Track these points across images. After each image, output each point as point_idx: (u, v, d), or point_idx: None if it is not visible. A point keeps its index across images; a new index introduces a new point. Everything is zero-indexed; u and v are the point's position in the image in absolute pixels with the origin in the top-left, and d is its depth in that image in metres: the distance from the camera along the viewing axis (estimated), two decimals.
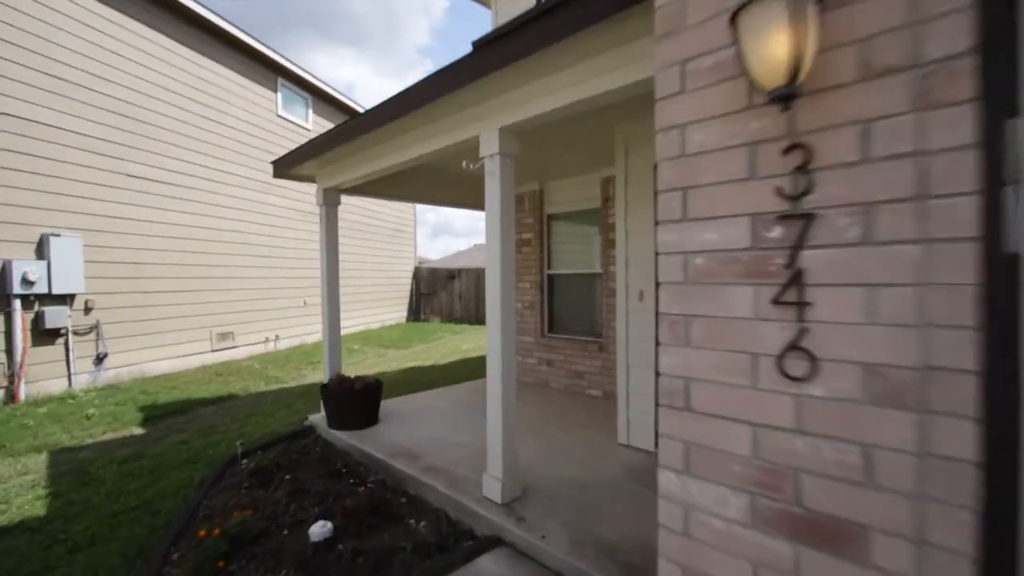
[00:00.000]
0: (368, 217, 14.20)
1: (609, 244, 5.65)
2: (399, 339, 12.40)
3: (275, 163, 5.13)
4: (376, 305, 14.74)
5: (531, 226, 6.57)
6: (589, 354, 5.91)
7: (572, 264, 6.34)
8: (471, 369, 8.41)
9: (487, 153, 3.16)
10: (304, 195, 11.39)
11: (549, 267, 6.54)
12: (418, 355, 10.34)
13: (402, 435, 4.57)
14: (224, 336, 9.31)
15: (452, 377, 7.77)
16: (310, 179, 5.41)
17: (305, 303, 11.46)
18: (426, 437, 4.50)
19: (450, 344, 11.79)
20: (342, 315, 13.64)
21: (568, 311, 6.41)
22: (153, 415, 5.91)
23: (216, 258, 9.26)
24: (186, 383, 7.53)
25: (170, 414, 5.99)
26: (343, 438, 4.56)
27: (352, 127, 3.89)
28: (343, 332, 12.80)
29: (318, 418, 5.09)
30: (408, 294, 16.72)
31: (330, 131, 4.22)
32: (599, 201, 5.81)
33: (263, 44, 10.23)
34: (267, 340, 10.31)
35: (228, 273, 9.50)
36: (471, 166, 3.14)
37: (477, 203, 6.99)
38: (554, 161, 5.43)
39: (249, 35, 9.86)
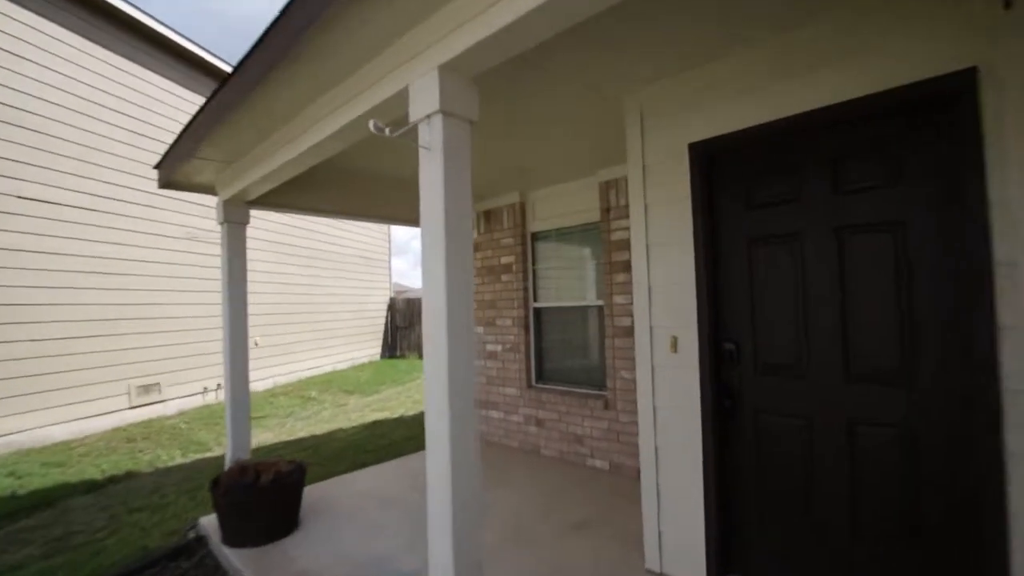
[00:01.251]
0: (331, 243, 12.80)
1: (614, 268, 4.32)
2: (367, 382, 10.85)
3: (158, 167, 3.75)
4: (345, 343, 13.20)
5: (511, 248, 5.23)
6: (591, 411, 4.51)
7: (565, 295, 4.99)
8: None
9: (422, 114, 1.82)
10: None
11: (535, 299, 5.18)
12: (386, 403, 8.83)
13: (326, 555, 3.09)
14: (147, 389, 7.72)
15: (420, 436, 6.30)
16: (209, 189, 4.03)
17: (256, 343, 9.92)
18: (361, 558, 3.03)
19: None
20: (303, 356, 12.18)
21: (561, 355, 5.03)
22: (3, 513, 4.33)
23: (138, 295, 7.74)
24: (81, 455, 5.93)
25: (29, 509, 4.40)
26: (237, 564, 3.06)
27: (232, 86, 2.53)
28: (304, 375, 11.27)
29: (213, 524, 3.57)
30: (383, 328, 15.21)
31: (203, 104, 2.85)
32: (597, 213, 4.51)
33: (202, 48, 8.97)
34: (205, 391, 8.72)
35: (154, 312, 7.96)
36: (387, 132, 1.78)
37: None
38: (537, 160, 4.14)
39: (185, 37, 8.60)
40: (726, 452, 2.53)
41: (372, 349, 14.55)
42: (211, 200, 4.20)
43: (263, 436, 6.77)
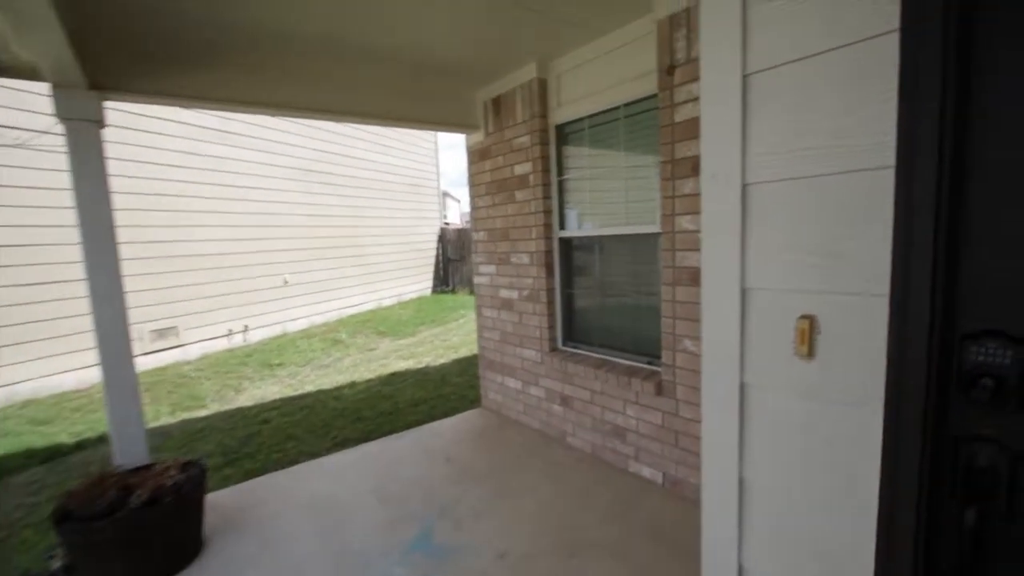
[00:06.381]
0: (372, 170, 11.60)
1: (679, 170, 2.59)
2: (407, 321, 9.92)
3: None
4: (392, 277, 12.33)
5: (527, 151, 3.57)
6: (636, 396, 2.98)
7: (604, 219, 3.33)
8: (475, 375, 5.74)
9: None
10: (276, 131, 8.90)
11: (562, 226, 3.56)
12: (417, 347, 7.79)
13: None
14: (163, 333, 7.18)
15: (432, 398, 5.15)
16: (28, 72, 2.70)
17: (286, 282, 9.18)
18: None
19: (468, 327, 9.15)
20: (344, 293, 11.32)
21: (598, 308, 3.46)
22: None
23: (152, 231, 7.02)
24: (73, 411, 5.40)
25: None
26: None
27: None
28: (346, 312, 10.56)
29: None
30: (433, 261, 14.21)
31: None
32: (654, 80, 2.71)
33: None
34: (231, 333, 8.14)
35: (170, 251, 7.27)
36: None
37: (440, 116, 4.05)
38: None
39: None
40: None
41: (423, 283, 13.66)
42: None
43: (270, 389, 5.97)
